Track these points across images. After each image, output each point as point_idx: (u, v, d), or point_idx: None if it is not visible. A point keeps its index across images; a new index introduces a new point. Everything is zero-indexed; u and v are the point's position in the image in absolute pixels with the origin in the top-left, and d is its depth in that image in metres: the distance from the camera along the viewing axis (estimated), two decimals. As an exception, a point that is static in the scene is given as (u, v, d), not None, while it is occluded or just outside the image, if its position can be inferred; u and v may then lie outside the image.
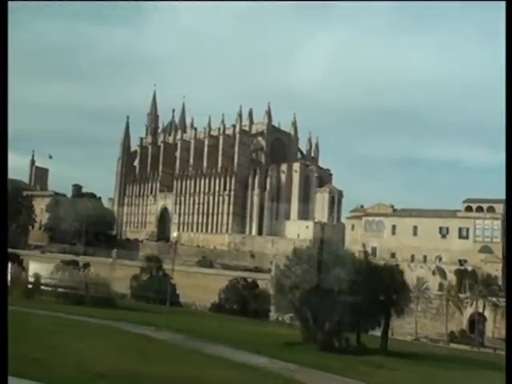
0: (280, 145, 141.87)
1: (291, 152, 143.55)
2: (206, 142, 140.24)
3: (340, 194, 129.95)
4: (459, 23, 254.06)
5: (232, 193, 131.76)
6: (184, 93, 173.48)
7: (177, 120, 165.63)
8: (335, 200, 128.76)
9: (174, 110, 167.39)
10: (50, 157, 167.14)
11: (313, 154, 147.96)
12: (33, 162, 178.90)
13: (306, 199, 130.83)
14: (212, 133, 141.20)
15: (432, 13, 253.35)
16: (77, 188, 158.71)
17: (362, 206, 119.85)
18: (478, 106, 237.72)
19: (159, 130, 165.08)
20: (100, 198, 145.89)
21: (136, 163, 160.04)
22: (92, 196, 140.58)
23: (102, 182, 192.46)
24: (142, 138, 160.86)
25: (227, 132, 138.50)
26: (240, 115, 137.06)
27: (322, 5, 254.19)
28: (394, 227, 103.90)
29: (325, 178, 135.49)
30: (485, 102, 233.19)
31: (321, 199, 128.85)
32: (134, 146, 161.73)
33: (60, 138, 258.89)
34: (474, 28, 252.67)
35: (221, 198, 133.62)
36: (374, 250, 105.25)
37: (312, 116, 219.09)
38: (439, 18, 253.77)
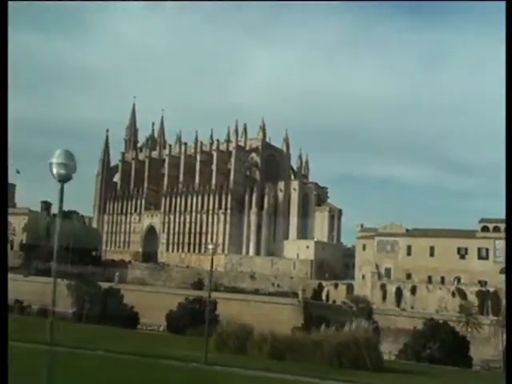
0: (273, 161, 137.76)
1: (284, 169, 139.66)
2: (198, 158, 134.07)
3: (340, 212, 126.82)
4: (398, 44, 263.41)
5: (228, 211, 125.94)
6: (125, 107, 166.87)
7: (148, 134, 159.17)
8: (335, 219, 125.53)
9: (153, 124, 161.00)
10: (18, 171, 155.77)
11: (303, 172, 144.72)
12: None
13: (304, 218, 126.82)
14: (204, 148, 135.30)
15: (372, 34, 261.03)
16: (46, 205, 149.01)
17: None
18: (414, 126, 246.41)
19: (139, 144, 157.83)
20: (82, 216, 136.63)
21: (117, 179, 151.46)
22: (75, 214, 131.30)
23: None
24: (123, 153, 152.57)
25: (221, 148, 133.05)
26: (236, 131, 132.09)
27: (265, 22, 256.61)
28: (409, 247, 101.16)
29: (322, 196, 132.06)
30: (421, 122, 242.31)
31: (320, 218, 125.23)
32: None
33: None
34: (412, 49, 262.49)
35: (215, 217, 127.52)
36: (387, 271, 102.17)
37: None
38: (379, 40, 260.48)
